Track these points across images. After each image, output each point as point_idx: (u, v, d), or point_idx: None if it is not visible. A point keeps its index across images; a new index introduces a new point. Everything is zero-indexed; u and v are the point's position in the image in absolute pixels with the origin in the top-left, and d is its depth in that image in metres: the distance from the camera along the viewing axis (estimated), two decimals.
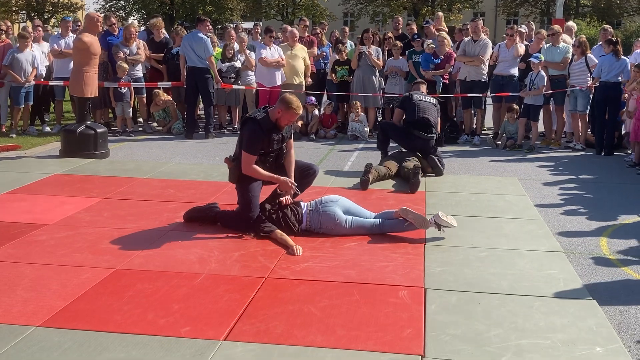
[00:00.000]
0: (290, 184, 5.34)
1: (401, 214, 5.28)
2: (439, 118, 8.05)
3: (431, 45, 10.66)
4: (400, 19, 13.07)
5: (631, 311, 4.03)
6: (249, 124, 5.25)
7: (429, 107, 7.89)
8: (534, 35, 10.87)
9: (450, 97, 11.14)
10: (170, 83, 11.07)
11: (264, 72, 10.82)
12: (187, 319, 3.66)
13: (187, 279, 4.28)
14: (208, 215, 5.56)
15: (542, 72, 9.84)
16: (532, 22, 12.16)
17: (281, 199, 5.39)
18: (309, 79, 11.27)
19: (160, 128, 11.41)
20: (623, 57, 9.50)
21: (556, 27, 10.49)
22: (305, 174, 5.63)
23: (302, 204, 5.43)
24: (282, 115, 5.21)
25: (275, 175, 5.36)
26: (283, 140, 5.41)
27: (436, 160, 7.71)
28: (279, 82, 10.88)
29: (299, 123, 10.87)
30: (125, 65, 10.63)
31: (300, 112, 5.36)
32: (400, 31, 12.38)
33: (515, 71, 10.36)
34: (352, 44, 12.01)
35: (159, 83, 11.12)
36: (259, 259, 4.70)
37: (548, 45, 10.31)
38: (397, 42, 11.32)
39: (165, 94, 11.16)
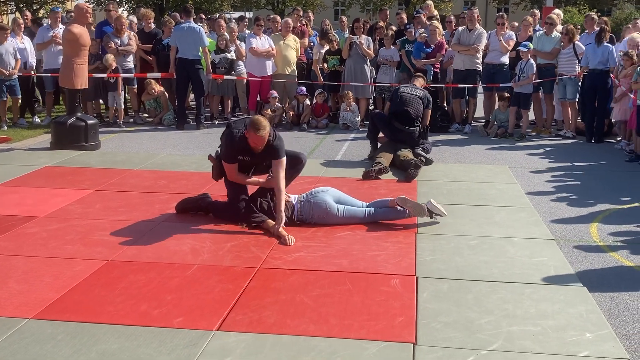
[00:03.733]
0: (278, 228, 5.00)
1: (399, 202, 5.30)
2: (427, 110, 7.99)
3: (423, 34, 10.64)
4: (387, 11, 13.09)
5: (621, 297, 4.06)
6: (228, 135, 5.19)
7: (413, 99, 7.86)
8: (524, 23, 10.87)
9: (442, 87, 11.14)
10: (159, 74, 11.01)
11: (254, 62, 10.79)
12: (180, 310, 3.67)
13: (179, 270, 4.28)
14: (200, 206, 5.56)
15: (532, 60, 9.85)
16: (536, 11, 12.10)
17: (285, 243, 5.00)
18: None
19: (151, 119, 11.36)
20: (606, 44, 9.50)
21: (554, 16, 10.45)
22: (293, 163, 5.61)
23: (293, 196, 5.43)
24: (249, 137, 5.01)
25: (262, 180, 5.39)
26: (254, 163, 5.28)
27: (422, 153, 7.72)
28: (269, 72, 10.86)
29: (291, 113, 10.85)
30: (112, 60, 10.51)
31: (264, 137, 4.95)
32: (387, 21, 12.38)
33: (506, 59, 10.37)
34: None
35: (148, 74, 11.05)
36: (251, 250, 4.70)
37: (540, 33, 10.31)
38: (389, 30, 11.29)
39: (157, 84, 11.10)
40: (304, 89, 11.06)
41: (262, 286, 4.03)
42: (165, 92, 11.17)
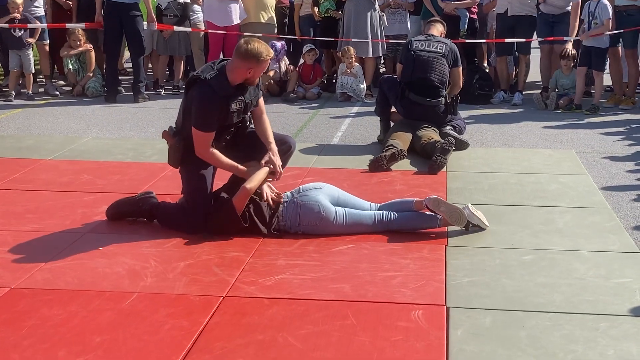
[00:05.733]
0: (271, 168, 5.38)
1: (429, 205, 5.27)
2: (455, 70, 7.93)
3: None
4: None
5: None
6: (198, 87, 5.23)
7: (433, 60, 7.74)
8: None
9: (482, 41, 11.15)
10: (83, 24, 10.96)
11: (215, 6, 10.75)
12: (114, 357, 3.66)
13: (112, 301, 4.27)
14: (141, 210, 5.55)
15: (605, 1, 9.84)
16: None
17: (266, 193, 5.37)
18: None
19: (70, 88, 11.31)
20: None
21: None
22: (279, 151, 5.61)
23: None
24: (255, 73, 5.22)
25: (239, 166, 5.37)
26: (246, 110, 5.42)
27: (451, 133, 7.67)
28: (236, 21, 10.83)
29: (271, 74, 10.81)
30: (20, 2, 10.45)
31: (272, 54, 5.42)
32: None
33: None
34: None
35: (67, 25, 11.01)
36: (214, 271, 4.70)
37: None
38: None
39: (84, 36, 11.03)
40: (277, 44, 10.98)
41: (229, 322, 4.02)
42: (92, 50, 11.12)
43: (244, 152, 5.48)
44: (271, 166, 5.34)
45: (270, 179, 5.40)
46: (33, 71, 10.92)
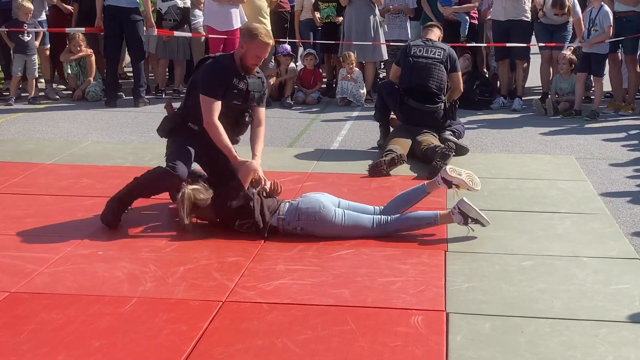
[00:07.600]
0: (252, 176, 5.46)
1: (446, 176, 5.59)
2: (454, 75, 7.93)
3: None
4: None
5: None
6: (206, 61, 5.67)
7: (431, 67, 7.73)
8: None
9: (481, 45, 11.16)
10: (84, 29, 10.98)
11: (215, 10, 10.76)
12: None
13: (111, 305, 4.27)
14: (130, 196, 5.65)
15: (606, 7, 9.87)
16: None
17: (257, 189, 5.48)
18: None
19: (70, 92, 11.32)
20: None
21: None
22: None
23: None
24: (248, 50, 5.48)
25: (233, 151, 5.54)
26: (248, 98, 5.60)
27: (451, 138, 7.69)
28: (236, 25, 10.82)
29: (272, 81, 10.83)
30: (30, 5, 10.47)
31: (272, 42, 5.66)
32: None
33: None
34: None
35: (68, 29, 11.03)
36: (213, 275, 4.70)
37: None
38: None
39: (85, 41, 11.06)
40: (288, 47, 11.04)
41: (229, 327, 4.02)
42: (92, 54, 11.14)
43: (220, 174, 5.65)
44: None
45: (254, 189, 5.44)
46: (37, 76, 10.94)
